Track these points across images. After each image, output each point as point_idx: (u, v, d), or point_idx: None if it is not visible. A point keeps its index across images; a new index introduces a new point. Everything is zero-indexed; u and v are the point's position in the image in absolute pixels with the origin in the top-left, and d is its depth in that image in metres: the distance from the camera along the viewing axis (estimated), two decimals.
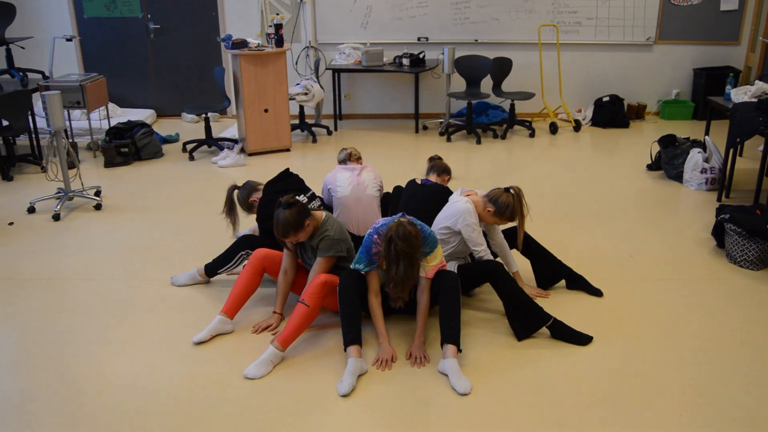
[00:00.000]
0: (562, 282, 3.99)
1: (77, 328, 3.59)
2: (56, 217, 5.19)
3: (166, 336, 3.49)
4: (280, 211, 3.27)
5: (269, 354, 3.17)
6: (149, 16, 8.26)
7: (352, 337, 3.15)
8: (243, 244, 3.98)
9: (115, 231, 4.97)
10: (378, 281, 3.33)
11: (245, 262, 3.96)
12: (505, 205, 3.54)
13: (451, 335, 3.14)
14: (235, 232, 4.40)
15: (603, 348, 3.36)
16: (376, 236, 3.25)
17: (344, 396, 2.94)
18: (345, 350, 3.14)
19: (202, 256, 4.39)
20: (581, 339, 3.40)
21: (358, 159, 4.56)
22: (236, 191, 4.22)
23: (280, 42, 6.87)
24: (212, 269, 4.04)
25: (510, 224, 3.70)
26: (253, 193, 4.24)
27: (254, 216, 4.23)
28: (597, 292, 3.88)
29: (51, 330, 3.57)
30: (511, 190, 3.56)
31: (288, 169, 4.19)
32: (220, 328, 3.44)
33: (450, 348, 3.10)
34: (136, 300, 3.89)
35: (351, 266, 3.33)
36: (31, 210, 5.36)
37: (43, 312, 3.76)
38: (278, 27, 6.86)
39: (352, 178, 4.24)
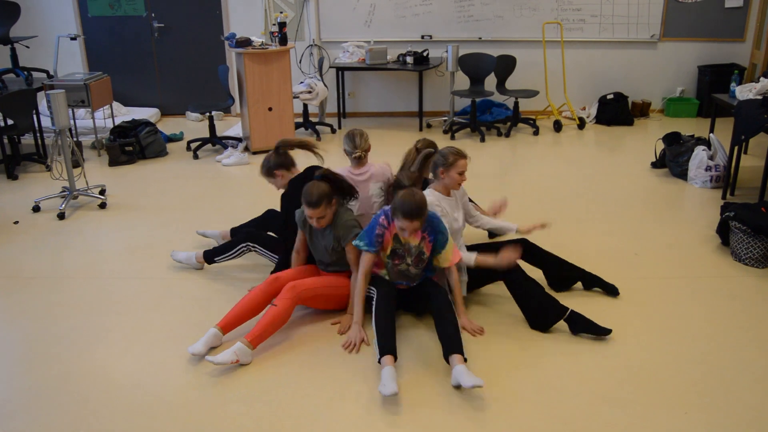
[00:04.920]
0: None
1: (82, 326, 3.60)
2: (61, 216, 5.20)
3: (171, 334, 3.49)
4: (316, 182, 3.41)
5: (237, 347, 3.18)
6: (153, 14, 8.27)
7: (388, 349, 3.09)
8: (246, 238, 4.03)
9: (120, 229, 4.98)
10: (372, 263, 3.42)
11: (245, 254, 4.08)
12: (442, 156, 3.62)
13: (454, 345, 3.07)
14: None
15: (607, 346, 3.35)
16: (383, 217, 3.36)
17: (392, 395, 2.83)
18: (379, 362, 3.06)
19: None
20: (599, 330, 3.39)
21: (365, 153, 4.10)
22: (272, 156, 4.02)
23: (283, 40, 6.87)
24: (211, 256, 4.12)
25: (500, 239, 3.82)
26: (282, 168, 3.99)
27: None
28: (613, 290, 3.85)
29: (56, 328, 3.58)
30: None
31: (313, 167, 3.83)
32: (213, 342, 3.33)
33: (456, 357, 3.02)
34: (141, 298, 3.90)
35: (353, 243, 3.43)
36: (36, 209, 5.37)
37: (47, 310, 3.78)
38: (282, 25, 6.85)
39: (360, 191, 3.88)
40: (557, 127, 7.80)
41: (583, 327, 3.42)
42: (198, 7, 8.26)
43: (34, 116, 6.47)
